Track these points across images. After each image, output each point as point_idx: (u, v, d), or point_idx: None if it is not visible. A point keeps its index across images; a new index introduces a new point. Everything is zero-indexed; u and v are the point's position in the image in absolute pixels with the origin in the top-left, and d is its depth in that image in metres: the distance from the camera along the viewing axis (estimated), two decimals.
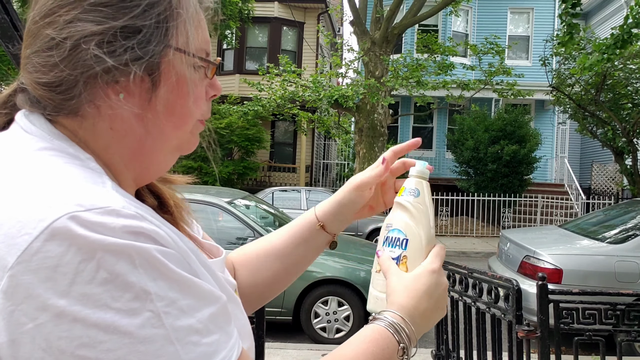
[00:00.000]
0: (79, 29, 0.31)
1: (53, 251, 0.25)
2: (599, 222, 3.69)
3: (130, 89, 0.33)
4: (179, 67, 0.34)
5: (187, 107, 0.36)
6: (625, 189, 8.21)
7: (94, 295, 0.25)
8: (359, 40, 7.43)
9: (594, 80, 6.75)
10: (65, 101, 0.32)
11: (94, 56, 0.31)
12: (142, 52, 0.32)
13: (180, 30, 0.34)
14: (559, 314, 1.58)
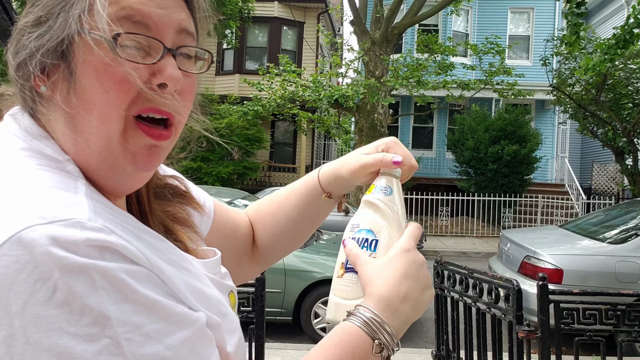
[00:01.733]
0: (22, 22, 0.32)
1: (9, 268, 0.24)
2: (600, 222, 3.69)
3: (55, 82, 0.32)
4: (91, 51, 0.31)
5: (105, 93, 0.30)
6: (626, 189, 8.21)
7: (49, 318, 0.24)
8: (359, 40, 7.43)
9: (594, 80, 6.74)
10: (23, 102, 0.33)
11: (18, 47, 0.32)
12: (49, 43, 0.31)
13: (82, 16, 0.31)
14: (560, 314, 1.58)
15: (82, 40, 0.31)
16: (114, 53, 0.31)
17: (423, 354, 2.69)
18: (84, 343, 0.24)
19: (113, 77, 0.31)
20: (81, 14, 0.31)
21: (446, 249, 6.89)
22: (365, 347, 0.35)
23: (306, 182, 0.53)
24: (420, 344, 3.14)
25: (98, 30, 0.30)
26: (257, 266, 0.56)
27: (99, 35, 0.30)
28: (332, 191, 0.51)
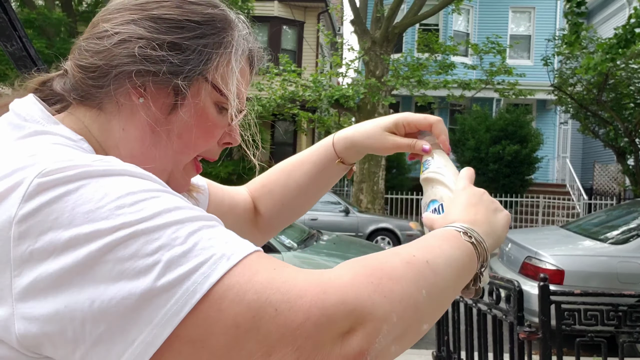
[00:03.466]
0: (131, 29, 0.34)
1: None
2: (601, 223, 3.68)
3: (153, 99, 0.35)
4: (204, 98, 0.36)
5: (195, 140, 0.36)
6: (628, 189, 8.18)
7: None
8: (359, 39, 7.42)
9: (596, 80, 6.72)
10: (93, 88, 0.35)
11: (133, 55, 0.34)
12: (176, 69, 0.34)
13: (219, 67, 0.36)
14: (561, 315, 1.57)
15: (201, 86, 0.36)
16: (220, 115, 0.37)
17: (424, 354, 2.69)
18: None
19: (212, 132, 0.37)
20: (213, 67, 0.36)
21: None
22: (468, 251, 0.36)
23: (319, 149, 0.54)
24: (421, 345, 3.13)
25: (219, 91, 0.36)
26: (262, 236, 0.57)
27: (226, 98, 0.36)
28: (346, 157, 0.53)
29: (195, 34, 0.35)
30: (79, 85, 0.35)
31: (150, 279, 0.25)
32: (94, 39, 0.35)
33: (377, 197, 7.28)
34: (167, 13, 0.35)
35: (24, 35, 0.66)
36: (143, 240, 0.25)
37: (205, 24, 0.36)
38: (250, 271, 0.26)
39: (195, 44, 0.35)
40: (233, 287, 0.25)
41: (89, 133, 0.35)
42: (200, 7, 0.36)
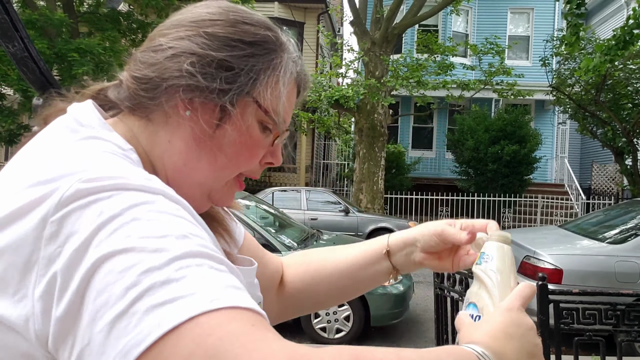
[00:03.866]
0: (184, 45, 0.35)
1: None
2: (599, 223, 3.69)
3: (200, 113, 0.35)
4: (250, 117, 0.36)
5: (238, 157, 0.37)
6: (626, 189, 8.20)
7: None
8: (359, 40, 7.43)
9: (594, 80, 6.74)
10: (144, 99, 0.36)
11: (184, 70, 0.35)
12: (224, 87, 0.35)
13: (266, 87, 0.37)
14: (559, 314, 1.58)
15: (246, 103, 0.36)
16: (264, 135, 0.38)
17: None
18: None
19: (256, 151, 0.38)
20: (260, 87, 0.36)
21: None
22: None
23: (372, 240, 0.51)
24: (420, 344, 3.14)
25: (265, 111, 0.37)
26: (279, 309, 0.52)
27: (271, 119, 0.37)
28: (393, 250, 0.50)
29: (246, 53, 0.36)
30: (132, 95, 0.36)
31: (125, 302, 0.24)
32: (149, 51, 0.36)
33: (376, 197, 7.29)
34: (220, 31, 0.36)
35: (25, 35, 0.67)
36: (139, 257, 0.25)
37: (256, 45, 0.36)
38: (226, 319, 0.24)
39: (245, 63, 0.36)
40: (199, 327, 0.23)
41: (137, 142, 0.36)
42: (254, 27, 0.37)
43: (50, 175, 0.28)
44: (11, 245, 0.27)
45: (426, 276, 4.94)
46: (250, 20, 0.37)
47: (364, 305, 3.02)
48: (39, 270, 0.26)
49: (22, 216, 0.27)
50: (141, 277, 0.24)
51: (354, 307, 3.03)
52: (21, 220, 0.27)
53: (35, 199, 0.27)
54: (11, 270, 0.26)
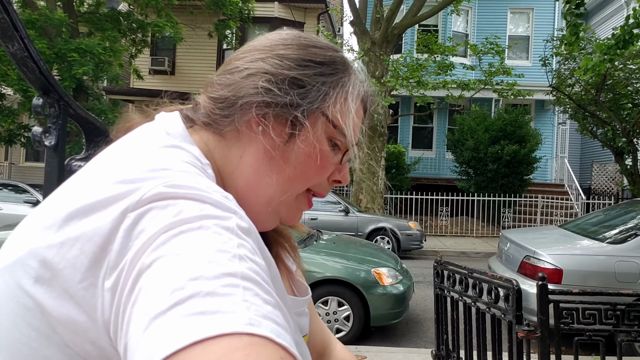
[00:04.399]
0: (259, 65, 0.38)
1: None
2: (599, 222, 3.69)
3: (273, 129, 0.37)
4: (320, 131, 0.38)
5: (307, 170, 0.39)
6: (626, 189, 8.20)
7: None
8: (359, 40, 7.43)
9: (594, 80, 6.74)
10: (219, 117, 0.38)
11: (259, 86, 0.37)
12: (296, 102, 0.37)
13: (335, 103, 0.39)
14: (559, 314, 1.58)
15: (317, 119, 0.38)
16: (333, 151, 0.39)
17: (423, 353, 2.69)
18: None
19: (324, 167, 0.39)
20: (331, 103, 0.38)
21: (446, 249, 6.89)
22: None
23: None
24: (420, 344, 3.14)
25: (334, 126, 0.38)
26: None
27: (341, 133, 0.39)
28: None
29: (316, 72, 0.38)
30: (208, 113, 0.39)
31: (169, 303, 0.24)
32: (226, 74, 0.39)
33: (376, 197, 7.29)
34: (292, 53, 0.39)
35: (25, 35, 0.67)
36: (193, 263, 0.25)
37: (325, 64, 0.39)
38: (257, 344, 0.23)
39: (315, 81, 0.38)
40: (231, 344, 0.23)
41: (212, 157, 0.38)
42: (323, 50, 0.40)
43: (135, 175, 0.30)
44: (87, 234, 0.28)
45: (426, 276, 4.94)
46: (319, 44, 0.41)
47: (364, 305, 3.02)
48: (109, 262, 0.27)
49: (102, 208, 0.28)
50: (189, 283, 0.25)
51: (354, 307, 3.03)
52: (101, 211, 0.28)
53: (118, 194, 0.29)
54: (82, 258, 0.27)
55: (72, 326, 0.27)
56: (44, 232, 0.29)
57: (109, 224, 0.28)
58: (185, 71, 10.66)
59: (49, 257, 0.28)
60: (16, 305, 0.28)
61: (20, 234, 0.31)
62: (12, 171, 11.34)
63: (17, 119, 7.70)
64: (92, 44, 6.48)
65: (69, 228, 0.28)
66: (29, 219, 0.32)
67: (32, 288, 0.28)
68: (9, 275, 0.29)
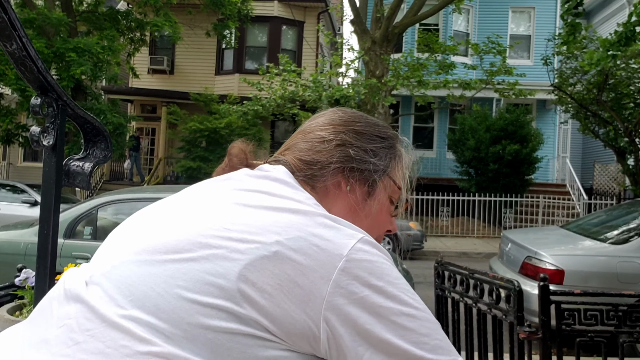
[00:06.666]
0: (344, 137, 0.48)
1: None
2: (601, 223, 3.68)
3: (355, 189, 0.47)
4: (385, 191, 0.49)
5: (380, 221, 0.49)
6: (628, 189, 8.19)
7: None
8: (359, 39, 7.42)
9: (596, 79, 6.72)
10: (313, 175, 0.47)
11: (348, 156, 0.47)
12: (374, 168, 0.48)
13: (397, 169, 0.50)
14: (561, 315, 1.57)
15: (384, 182, 0.49)
16: (395, 208, 0.51)
17: None
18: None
19: (386, 215, 0.50)
20: (393, 168, 0.50)
21: (447, 249, 6.88)
22: None
23: None
24: None
25: (395, 184, 0.50)
26: None
27: (396, 190, 0.51)
28: None
29: (384, 144, 0.50)
30: (300, 173, 0.47)
31: (423, 351, 0.36)
32: (314, 142, 0.49)
33: None
34: (365, 129, 0.50)
35: (23, 35, 0.66)
36: (420, 322, 0.37)
37: (386, 139, 0.50)
38: None
39: (384, 151, 0.49)
40: None
41: None
42: (383, 127, 0.52)
43: (336, 232, 0.39)
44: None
45: (427, 276, 4.94)
46: (379, 122, 0.52)
47: None
48: (329, 289, 0.38)
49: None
50: (428, 339, 0.37)
51: None
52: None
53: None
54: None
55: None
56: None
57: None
58: (184, 71, 10.65)
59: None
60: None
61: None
62: (10, 171, 11.37)
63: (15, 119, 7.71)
64: (91, 43, 6.48)
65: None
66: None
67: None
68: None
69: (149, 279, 0.36)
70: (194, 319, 0.34)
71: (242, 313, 0.34)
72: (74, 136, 6.67)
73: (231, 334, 0.34)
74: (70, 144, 6.57)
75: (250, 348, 0.34)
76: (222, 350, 0.34)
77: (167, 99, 9.97)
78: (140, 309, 0.35)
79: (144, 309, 0.35)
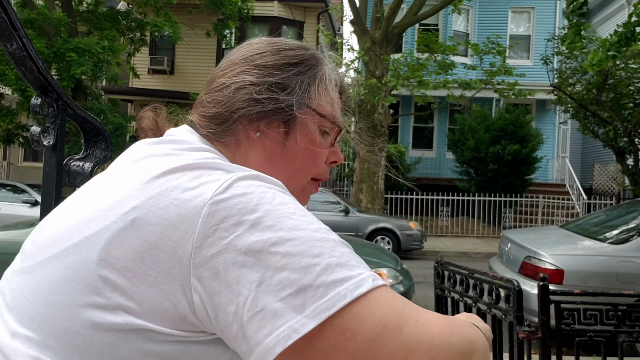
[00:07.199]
0: (243, 78, 0.41)
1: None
2: (601, 223, 3.68)
3: (268, 133, 0.41)
4: (310, 125, 0.42)
5: (307, 163, 0.43)
6: (627, 189, 8.19)
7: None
8: (359, 39, 7.42)
9: (595, 79, 6.73)
10: (219, 131, 0.42)
11: (249, 99, 0.41)
12: (284, 104, 0.41)
13: (319, 96, 0.43)
14: (560, 314, 1.57)
15: (306, 115, 0.42)
16: (332, 144, 0.44)
17: None
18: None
19: (316, 152, 0.43)
20: (313, 96, 0.42)
21: (447, 249, 6.88)
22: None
23: None
24: None
25: (321, 115, 0.43)
26: None
27: (329, 121, 0.43)
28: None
29: (294, 72, 0.42)
30: (207, 131, 0.42)
31: (310, 276, 0.29)
32: (213, 92, 0.43)
33: (376, 197, 7.28)
34: (270, 60, 0.42)
35: (24, 35, 0.66)
36: (308, 244, 0.31)
37: (300, 64, 0.43)
38: (391, 294, 0.31)
39: (295, 80, 0.42)
40: (381, 296, 0.30)
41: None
42: (293, 51, 0.44)
43: (194, 174, 0.34)
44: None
45: (426, 276, 4.94)
46: (290, 46, 0.44)
47: None
48: (194, 243, 0.33)
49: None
50: (319, 259, 0.31)
51: None
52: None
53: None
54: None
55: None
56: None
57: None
58: (185, 71, 10.66)
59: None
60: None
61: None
62: (10, 171, 11.36)
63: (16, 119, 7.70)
64: (91, 43, 6.47)
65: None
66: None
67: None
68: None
69: (25, 287, 0.33)
70: (63, 324, 0.30)
71: (107, 304, 0.30)
72: (74, 136, 6.67)
73: (104, 332, 0.30)
74: (71, 143, 6.56)
75: (127, 344, 0.29)
76: (94, 354, 0.30)
77: (167, 99, 9.98)
78: (19, 323, 0.32)
79: (22, 323, 0.32)
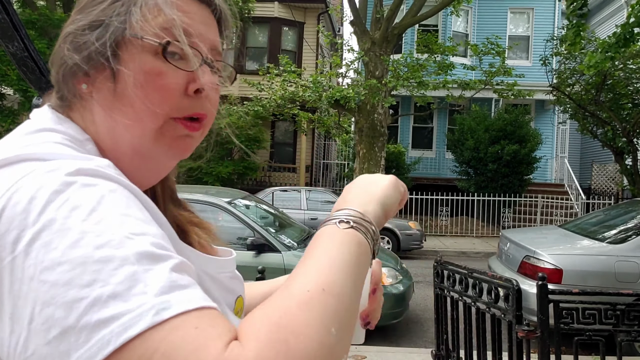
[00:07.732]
0: (64, 32, 0.36)
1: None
2: (599, 222, 3.69)
3: (95, 80, 0.35)
4: (141, 55, 0.34)
5: (148, 100, 0.33)
6: (625, 189, 8.21)
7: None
8: (359, 40, 7.43)
9: (594, 80, 6.74)
10: (59, 99, 0.36)
11: (65, 53, 0.35)
12: (99, 44, 0.34)
13: (144, 17, 0.34)
14: (559, 314, 1.58)
15: (130, 45, 0.34)
16: (164, 58, 0.34)
17: (423, 353, 2.69)
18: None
19: (160, 85, 0.34)
20: (134, 21, 0.34)
21: (446, 248, 6.89)
22: (355, 238, 0.33)
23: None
24: (420, 344, 3.14)
25: (151, 36, 0.33)
26: None
27: (153, 40, 0.33)
28: None
29: (104, 6, 0.35)
30: (56, 97, 0.37)
31: (75, 315, 0.23)
32: (54, 59, 0.37)
33: None
34: (81, 4, 0.36)
35: (25, 35, 0.67)
36: (81, 269, 0.24)
37: None
38: (169, 330, 0.24)
39: (109, 12, 0.34)
40: (168, 334, 0.24)
41: (88, 131, 0.36)
42: None
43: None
44: None
45: (426, 276, 4.94)
46: None
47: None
48: None
49: None
50: (88, 290, 0.24)
51: None
52: None
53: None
54: None
55: None
56: None
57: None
58: None
59: None
60: None
61: None
62: None
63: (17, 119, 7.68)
64: None
65: None
66: None
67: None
68: None
69: None
70: None
71: None
72: None
73: None
74: None
75: None
76: None
77: None
78: None
79: None
